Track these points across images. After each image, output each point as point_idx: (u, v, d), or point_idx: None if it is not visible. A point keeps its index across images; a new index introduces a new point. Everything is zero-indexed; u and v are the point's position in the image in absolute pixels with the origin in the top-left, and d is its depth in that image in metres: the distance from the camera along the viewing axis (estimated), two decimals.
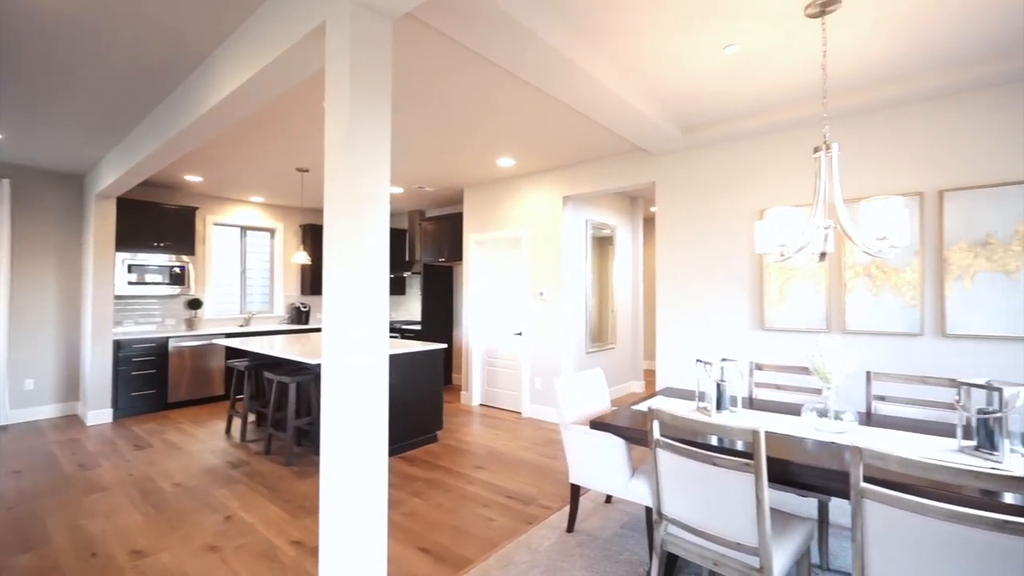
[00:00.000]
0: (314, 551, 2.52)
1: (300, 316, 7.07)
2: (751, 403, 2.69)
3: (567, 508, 2.96)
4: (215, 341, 4.76)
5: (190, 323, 6.01)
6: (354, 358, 1.79)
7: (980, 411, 1.73)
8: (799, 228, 2.15)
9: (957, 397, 1.83)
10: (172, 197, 6.07)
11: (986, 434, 1.72)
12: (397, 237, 7.52)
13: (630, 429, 2.21)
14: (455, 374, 7.00)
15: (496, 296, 5.75)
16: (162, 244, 5.68)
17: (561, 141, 4.15)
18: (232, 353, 5.98)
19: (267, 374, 4.01)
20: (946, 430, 2.10)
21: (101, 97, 3.28)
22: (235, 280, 6.76)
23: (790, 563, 1.72)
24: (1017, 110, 2.84)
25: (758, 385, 2.99)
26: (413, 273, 7.21)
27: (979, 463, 1.67)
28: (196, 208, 5.97)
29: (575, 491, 2.70)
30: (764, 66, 2.80)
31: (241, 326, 6.53)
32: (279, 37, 2.16)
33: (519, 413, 5.38)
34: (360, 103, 1.80)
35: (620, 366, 6.21)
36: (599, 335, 5.77)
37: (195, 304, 6.08)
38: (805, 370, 2.78)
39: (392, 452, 3.97)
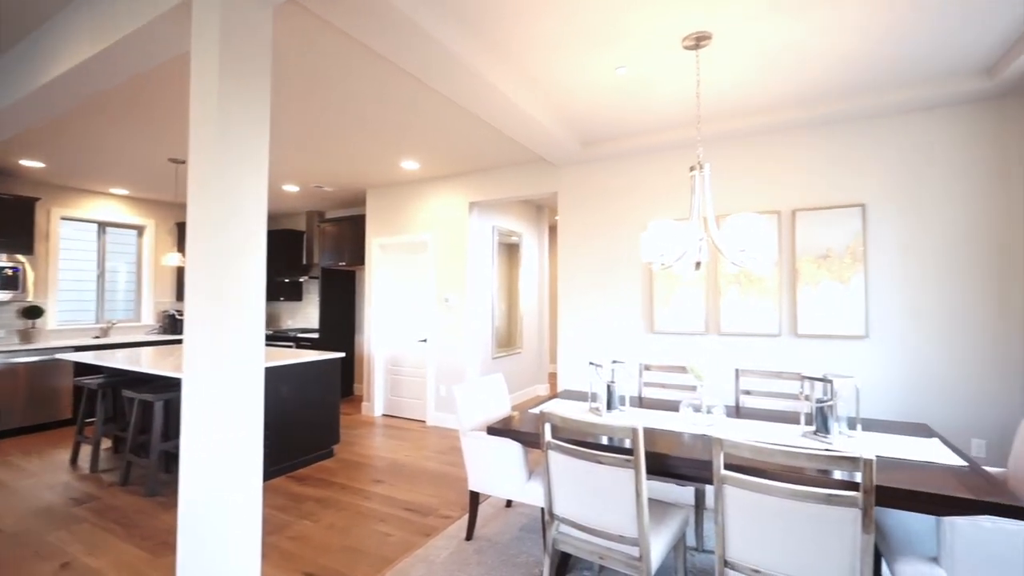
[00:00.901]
0: None
1: (175, 325, 6.29)
2: (640, 402, 2.87)
3: (467, 516, 2.93)
4: (60, 356, 4.06)
5: (26, 335, 5.06)
6: (220, 371, 1.61)
7: (817, 400, 2.01)
8: (677, 239, 2.34)
9: (801, 389, 2.10)
10: (3, 184, 5.09)
11: (821, 420, 1.99)
12: (293, 239, 7.01)
13: (524, 433, 2.25)
14: (357, 384, 6.67)
15: (400, 302, 5.58)
16: None
17: (466, 147, 4.15)
18: (84, 369, 5.13)
19: (127, 392, 3.49)
20: (797, 419, 2.40)
21: None
22: (91, 284, 5.83)
23: (667, 549, 1.85)
24: (849, 145, 3.36)
25: (647, 385, 3.21)
26: (311, 278, 6.76)
27: (815, 445, 1.93)
28: (36, 199, 5.06)
29: (474, 498, 2.68)
30: (650, 89, 3.03)
31: (97, 337, 5.63)
32: (135, 8, 1.90)
33: (423, 422, 5.26)
34: (232, 95, 1.63)
35: (527, 370, 6.33)
36: (506, 340, 5.83)
37: (33, 312, 5.14)
38: (684, 369, 3.03)
39: (279, 472, 3.65)
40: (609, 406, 2.51)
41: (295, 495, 3.30)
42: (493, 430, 2.34)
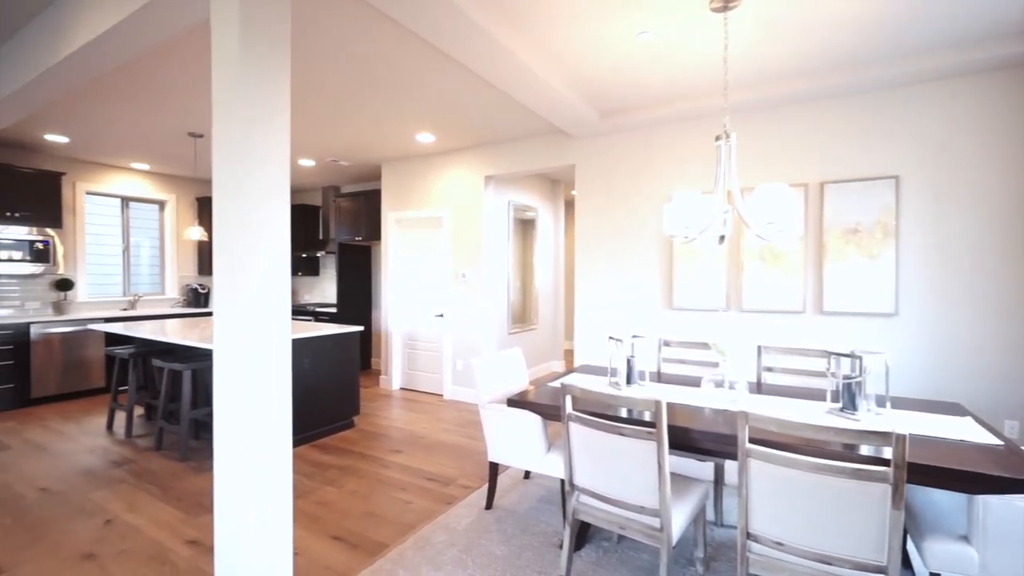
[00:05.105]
0: (213, 550, 2.33)
1: (197, 298, 6.43)
2: (659, 377, 2.86)
3: (486, 487, 2.99)
4: (92, 326, 4.19)
5: (59, 307, 5.23)
6: (250, 342, 1.63)
7: (845, 377, 1.97)
8: (702, 211, 2.27)
9: (828, 365, 2.06)
10: (30, 159, 5.18)
11: (849, 397, 1.96)
12: (309, 214, 7.04)
13: (545, 405, 2.26)
14: (374, 358, 6.78)
15: (416, 277, 5.60)
16: (18, 214, 4.84)
17: (483, 118, 4.07)
18: (114, 339, 5.30)
19: (157, 362, 3.60)
20: (822, 395, 2.36)
21: None
22: (117, 258, 5.97)
23: (687, 522, 1.86)
24: (881, 114, 3.21)
25: (665, 360, 3.19)
26: (327, 253, 6.82)
27: (842, 422, 1.90)
28: (62, 173, 5.15)
29: (494, 469, 2.72)
30: (674, 55, 2.91)
31: (124, 310, 5.80)
32: None
33: (441, 396, 5.34)
34: (253, 57, 1.61)
35: (542, 346, 6.35)
36: (522, 316, 5.84)
37: (65, 285, 5.29)
38: (706, 345, 3.00)
39: (303, 440, 3.76)
40: (628, 380, 2.51)
41: (318, 463, 3.40)
42: (513, 402, 2.36)
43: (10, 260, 4.81)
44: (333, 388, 3.98)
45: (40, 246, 5.01)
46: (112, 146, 4.95)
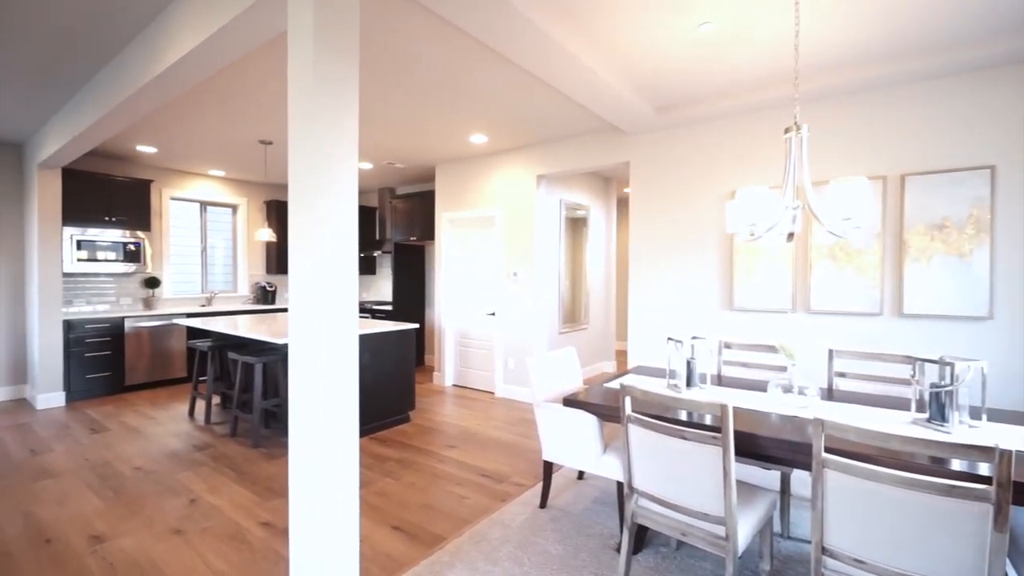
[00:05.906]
0: (284, 532, 2.48)
1: (266, 296, 6.85)
2: (719, 380, 2.75)
3: (540, 485, 3.00)
4: (175, 321, 4.56)
5: (148, 302, 5.73)
6: (322, 337, 1.73)
7: (933, 385, 1.82)
8: (769, 208, 2.17)
9: (912, 372, 1.91)
10: (124, 168, 5.71)
11: (938, 407, 1.81)
12: (366, 215, 7.32)
13: (602, 406, 2.24)
14: (428, 355, 6.95)
15: (469, 276, 5.69)
16: (114, 219, 5.35)
17: (535, 117, 4.08)
18: (194, 333, 5.74)
19: (232, 355, 3.87)
20: (901, 404, 2.20)
21: (38, 55, 3.01)
22: (196, 258, 6.47)
23: (753, 532, 1.78)
24: (973, 99, 2.93)
25: (726, 363, 3.07)
26: (383, 252, 7.06)
27: (931, 434, 1.75)
28: (151, 181, 5.64)
29: (548, 468, 2.73)
30: (738, 45, 2.79)
31: (203, 306, 6.28)
32: None
33: (492, 393, 5.40)
34: (325, 64, 1.70)
35: (592, 346, 6.28)
36: (572, 316, 5.81)
37: (152, 283, 5.80)
38: (771, 348, 2.86)
39: (363, 433, 3.93)
40: (689, 383, 2.43)
41: (378, 455, 3.53)
42: (569, 402, 2.35)
43: (106, 260, 5.33)
44: (391, 383, 4.12)
45: (132, 247, 5.51)
46: (193, 154, 5.37)
